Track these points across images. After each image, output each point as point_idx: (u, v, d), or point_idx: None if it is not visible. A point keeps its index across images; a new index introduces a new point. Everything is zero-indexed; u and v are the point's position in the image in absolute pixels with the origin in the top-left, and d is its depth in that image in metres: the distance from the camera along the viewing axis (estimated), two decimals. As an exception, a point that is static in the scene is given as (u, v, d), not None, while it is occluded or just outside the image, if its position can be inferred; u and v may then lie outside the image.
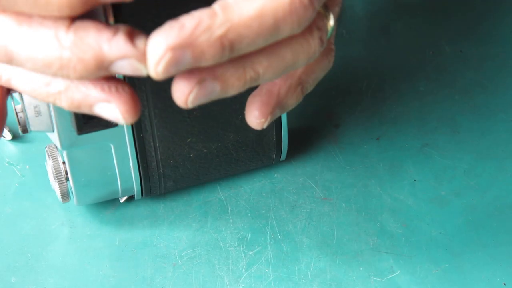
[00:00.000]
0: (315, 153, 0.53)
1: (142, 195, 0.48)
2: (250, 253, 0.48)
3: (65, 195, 0.47)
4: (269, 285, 0.46)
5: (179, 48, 0.33)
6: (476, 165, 0.52)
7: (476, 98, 0.55)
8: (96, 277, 0.47)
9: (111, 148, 0.44)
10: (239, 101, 0.45)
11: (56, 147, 0.46)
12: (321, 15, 0.37)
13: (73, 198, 0.47)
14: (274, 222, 0.49)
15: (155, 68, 0.33)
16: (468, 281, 0.46)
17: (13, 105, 0.43)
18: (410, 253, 0.48)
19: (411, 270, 0.47)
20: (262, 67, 0.36)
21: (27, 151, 0.53)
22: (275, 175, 0.51)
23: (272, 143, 0.49)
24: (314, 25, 0.37)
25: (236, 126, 0.46)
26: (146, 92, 0.42)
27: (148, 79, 0.41)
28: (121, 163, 0.45)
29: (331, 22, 0.38)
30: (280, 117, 0.48)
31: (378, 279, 0.46)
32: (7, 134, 0.53)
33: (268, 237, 0.48)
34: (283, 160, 0.51)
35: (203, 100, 0.36)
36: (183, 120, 0.45)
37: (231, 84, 0.36)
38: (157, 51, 0.33)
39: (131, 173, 0.46)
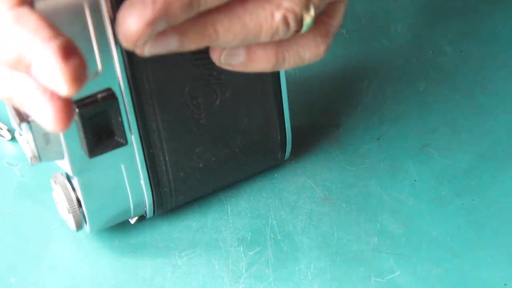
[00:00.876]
0: (315, 153, 0.53)
1: (154, 212, 0.47)
2: (250, 253, 0.48)
3: (79, 223, 0.46)
4: (269, 285, 0.46)
5: (158, 20, 0.33)
6: (476, 165, 0.52)
7: (477, 98, 0.55)
8: (96, 277, 0.47)
9: (122, 169, 0.44)
10: (244, 104, 0.45)
11: (63, 175, 0.45)
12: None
13: (86, 225, 0.46)
14: (274, 222, 0.49)
15: (135, 44, 0.33)
16: (469, 281, 0.46)
17: (18, 137, 0.42)
18: (410, 253, 0.47)
19: (412, 270, 0.47)
20: (222, 27, 0.36)
21: (27, 151, 0.53)
22: (275, 175, 0.51)
23: (277, 143, 0.49)
24: (281, 2, 0.37)
25: (242, 129, 0.46)
26: (153, 106, 0.42)
27: (154, 91, 0.41)
28: (133, 182, 0.45)
29: (311, 12, 0.38)
30: (283, 116, 0.48)
31: (378, 279, 0.46)
32: (6, 134, 0.53)
33: (268, 237, 0.48)
34: (283, 160, 0.51)
35: (159, 49, 0.36)
36: (190, 130, 0.44)
37: (190, 37, 0.36)
38: (136, 29, 0.33)
39: (142, 191, 0.45)
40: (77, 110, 0.39)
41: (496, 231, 0.48)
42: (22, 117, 0.40)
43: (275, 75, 0.46)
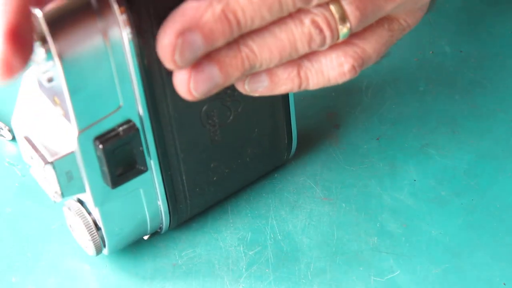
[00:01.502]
0: (315, 153, 0.53)
1: (169, 227, 0.47)
2: (250, 253, 0.48)
3: (99, 248, 0.45)
4: (269, 285, 0.46)
5: (188, 31, 0.34)
6: (476, 165, 0.52)
7: (476, 98, 0.55)
8: (96, 277, 0.47)
9: (140, 193, 0.44)
10: (256, 115, 0.45)
11: (76, 200, 0.45)
12: (327, 8, 0.37)
13: (104, 248, 0.46)
14: (274, 222, 0.49)
15: (172, 58, 0.34)
16: (468, 281, 0.46)
17: (33, 172, 0.42)
18: (410, 253, 0.48)
19: (411, 270, 0.47)
20: (255, 44, 0.36)
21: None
22: (275, 175, 0.51)
23: (284, 146, 0.49)
24: (312, 12, 0.37)
25: (253, 139, 0.47)
26: (172, 131, 0.42)
27: (172, 117, 0.42)
28: (151, 204, 0.45)
29: (348, 24, 0.37)
30: (290, 119, 0.48)
31: (378, 279, 0.46)
32: (7, 134, 0.53)
33: (268, 237, 0.49)
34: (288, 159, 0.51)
35: (206, 86, 0.36)
36: (206, 149, 0.44)
37: (228, 64, 0.36)
38: (169, 41, 0.34)
39: (160, 211, 0.45)
40: (100, 146, 0.39)
41: (495, 231, 0.48)
42: (45, 159, 0.40)
43: None
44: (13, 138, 0.54)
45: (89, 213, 0.44)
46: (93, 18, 0.35)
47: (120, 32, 0.36)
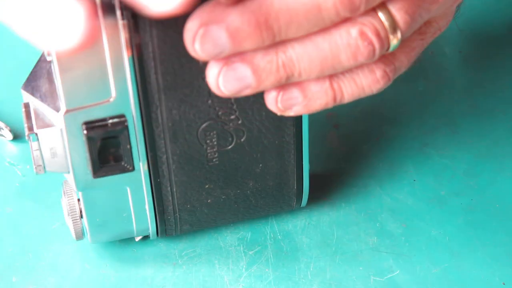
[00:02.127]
0: (314, 153, 0.52)
1: (157, 236, 0.47)
2: (250, 253, 0.48)
3: (79, 233, 0.45)
4: (269, 285, 0.46)
5: (212, 24, 0.33)
6: (475, 165, 0.52)
7: (476, 98, 0.56)
8: (96, 277, 0.47)
9: (127, 191, 0.43)
10: (260, 150, 0.43)
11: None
12: (375, 15, 0.35)
13: (87, 236, 0.46)
14: (274, 222, 0.49)
15: (192, 46, 0.33)
16: (467, 281, 0.46)
17: (30, 144, 0.43)
18: (409, 253, 0.48)
19: (411, 270, 0.47)
20: (295, 53, 0.34)
21: (28, 151, 0.53)
22: (275, 175, 0.51)
23: (293, 191, 0.46)
24: (359, 22, 0.34)
25: (256, 174, 0.45)
26: (165, 139, 0.41)
27: (166, 126, 0.41)
28: (137, 205, 0.44)
29: (399, 35, 0.35)
30: (302, 163, 0.45)
31: (377, 278, 0.47)
32: (8, 134, 0.54)
33: (268, 237, 0.49)
34: (299, 207, 0.50)
35: (236, 85, 0.35)
36: (202, 167, 0.43)
37: (262, 68, 0.35)
38: (191, 27, 0.33)
39: (146, 215, 0.45)
40: (85, 132, 0.39)
41: (494, 231, 0.48)
42: (31, 128, 0.40)
43: (298, 122, 0.43)
44: (14, 138, 0.54)
45: (79, 200, 0.44)
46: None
47: (117, 21, 0.36)
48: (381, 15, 0.34)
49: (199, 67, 0.38)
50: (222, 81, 0.35)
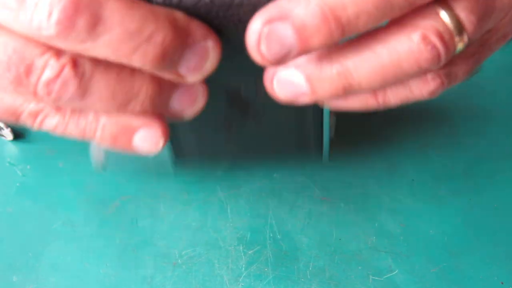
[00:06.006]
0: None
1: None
2: (249, 253, 0.48)
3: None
4: (268, 284, 0.46)
5: (277, 20, 0.30)
6: (473, 165, 0.52)
7: (475, 98, 0.56)
8: (96, 276, 0.47)
9: None
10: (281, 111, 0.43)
11: None
12: (437, 18, 0.32)
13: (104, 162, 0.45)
14: (274, 221, 0.49)
15: (258, 49, 0.31)
16: (466, 280, 0.46)
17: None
18: (408, 252, 0.48)
19: (409, 269, 0.47)
20: (351, 61, 0.32)
21: (28, 151, 0.53)
22: (274, 175, 0.52)
23: (313, 144, 0.46)
24: (421, 26, 0.32)
25: (278, 121, 0.44)
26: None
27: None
28: None
29: (465, 38, 0.32)
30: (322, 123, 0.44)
31: (376, 278, 0.47)
32: (8, 134, 0.54)
33: (268, 237, 0.49)
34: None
35: (288, 92, 0.33)
36: (221, 107, 0.42)
37: (316, 78, 0.33)
38: (255, 28, 0.31)
39: None
40: None
41: (493, 230, 0.49)
42: None
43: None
44: (14, 138, 0.54)
45: None
46: None
47: None
48: (444, 15, 0.32)
49: None
50: (276, 84, 0.34)
